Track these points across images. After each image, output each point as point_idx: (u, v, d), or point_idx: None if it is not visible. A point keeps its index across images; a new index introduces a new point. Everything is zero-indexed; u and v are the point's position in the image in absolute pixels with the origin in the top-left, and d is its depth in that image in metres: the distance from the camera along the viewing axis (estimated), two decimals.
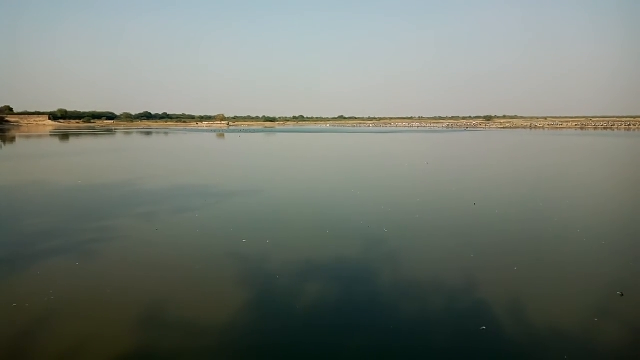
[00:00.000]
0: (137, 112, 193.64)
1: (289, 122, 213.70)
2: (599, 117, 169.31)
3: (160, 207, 12.69)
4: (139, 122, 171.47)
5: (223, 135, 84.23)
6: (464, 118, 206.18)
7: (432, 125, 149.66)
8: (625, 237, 9.86)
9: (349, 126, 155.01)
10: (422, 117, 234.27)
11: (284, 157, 33.52)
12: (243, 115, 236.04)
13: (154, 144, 51.08)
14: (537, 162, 27.32)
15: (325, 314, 5.97)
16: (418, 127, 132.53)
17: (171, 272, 7.41)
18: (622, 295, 6.51)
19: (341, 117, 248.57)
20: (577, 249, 8.75)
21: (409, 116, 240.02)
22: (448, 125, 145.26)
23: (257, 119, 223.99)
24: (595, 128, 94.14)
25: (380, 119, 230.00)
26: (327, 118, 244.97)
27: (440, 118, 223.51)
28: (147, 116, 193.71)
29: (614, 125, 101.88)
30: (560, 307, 6.17)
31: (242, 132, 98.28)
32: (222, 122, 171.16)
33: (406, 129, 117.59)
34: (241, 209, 12.61)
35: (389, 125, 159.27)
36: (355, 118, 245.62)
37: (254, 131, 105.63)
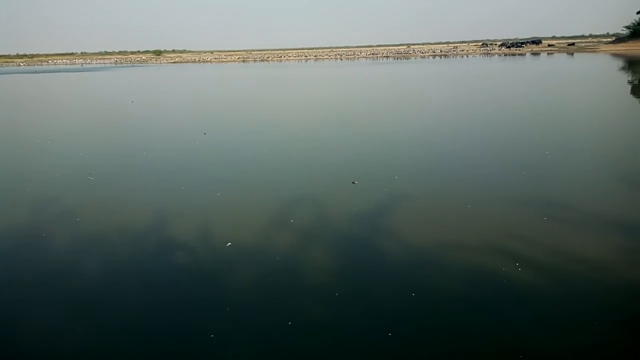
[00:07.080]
0: None
1: None
2: (257, 50, 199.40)
3: None
4: None
5: None
6: (132, 53, 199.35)
7: (99, 62, 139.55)
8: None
9: None
10: (85, 53, 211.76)
11: None
12: None
13: None
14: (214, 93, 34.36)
15: None
16: (82, 64, 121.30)
17: None
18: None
19: None
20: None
21: (70, 52, 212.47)
22: (116, 61, 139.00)
23: None
24: (255, 60, 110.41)
25: (33, 55, 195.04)
26: None
27: (107, 53, 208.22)
28: None
29: (268, 57, 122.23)
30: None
31: None
32: None
33: (69, 66, 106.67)
34: None
35: (44, 63, 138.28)
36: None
37: None
